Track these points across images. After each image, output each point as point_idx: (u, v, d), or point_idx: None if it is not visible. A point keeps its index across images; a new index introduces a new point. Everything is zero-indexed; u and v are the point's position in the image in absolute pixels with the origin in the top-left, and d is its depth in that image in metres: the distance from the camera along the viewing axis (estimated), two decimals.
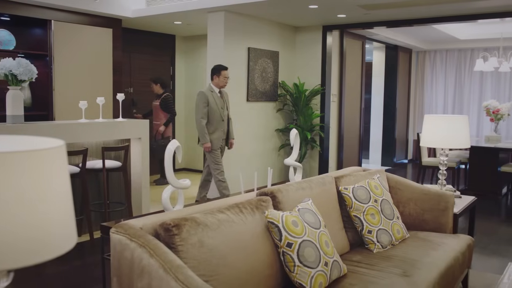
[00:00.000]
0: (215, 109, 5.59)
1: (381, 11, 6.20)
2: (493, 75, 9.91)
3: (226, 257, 2.13)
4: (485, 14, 6.23)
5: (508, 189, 7.72)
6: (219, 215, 2.24)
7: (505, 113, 7.85)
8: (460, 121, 3.83)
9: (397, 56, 9.94)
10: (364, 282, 2.50)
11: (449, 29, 8.68)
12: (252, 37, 6.70)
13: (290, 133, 3.42)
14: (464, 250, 3.27)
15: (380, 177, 3.49)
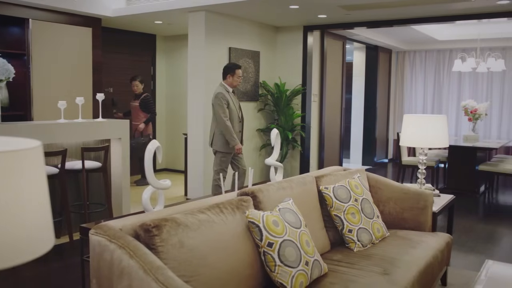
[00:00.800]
0: (233, 110, 5.41)
1: (361, 12, 6.25)
2: (470, 76, 10.06)
3: (207, 257, 2.13)
4: (463, 15, 6.32)
5: (486, 188, 7.85)
6: (199, 216, 2.24)
7: (482, 113, 7.97)
8: (439, 120, 3.88)
9: (377, 57, 10.02)
10: (344, 281, 2.51)
11: (428, 30, 8.79)
12: (233, 37, 6.69)
13: (271, 133, 3.42)
14: (442, 248, 3.32)
15: (360, 176, 3.52)
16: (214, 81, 6.37)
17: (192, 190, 6.43)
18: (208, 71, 6.28)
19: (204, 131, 6.27)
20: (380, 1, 5.51)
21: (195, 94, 6.32)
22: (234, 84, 5.47)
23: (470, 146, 7.33)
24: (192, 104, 6.35)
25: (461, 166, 7.41)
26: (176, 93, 8.75)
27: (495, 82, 9.88)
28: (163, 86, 8.90)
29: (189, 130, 6.42)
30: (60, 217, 4.78)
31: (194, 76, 6.32)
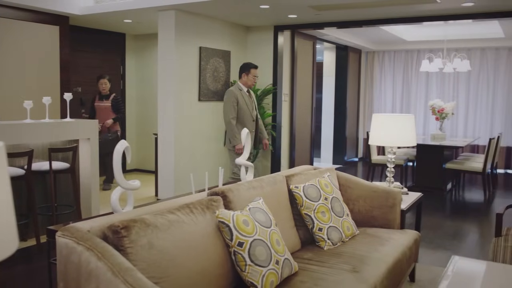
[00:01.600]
0: (244, 109, 5.42)
1: (331, 12, 6.30)
2: (438, 76, 10.26)
3: (177, 258, 2.11)
4: (429, 16, 6.44)
5: (453, 185, 8.02)
6: (169, 216, 2.22)
7: (449, 112, 8.15)
8: (407, 120, 3.94)
9: (347, 56, 10.13)
10: (314, 279, 2.53)
11: (396, 31, 8.92)
12: (204, 37, 6.67)
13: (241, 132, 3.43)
14: (411, 245, 3.37)
15: (330, 175, 3.55)
16: (184, 80, 6.34)
17: (162, 190, 6.38)
18: (179, 70, 6.24)
19: (175, 131, 6.23)
20: (349, 2, 5.57)
21: (165, 93, 6.27)
22: (248, 84, 5.52)
23: (438, 144, 7.48)
24: (163, 104, 6.30)
25: (429, 164, 7.55)
26: (147, 93, 8.66)
27: (461, 82, 10.10)
28: (133, 85, 8.80)
29: (160, 130, 6.37)
30: (26, 219, 4.68)
31: (164, 76, 6.27)
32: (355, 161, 10.91)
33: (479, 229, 5.66)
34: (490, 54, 9.82)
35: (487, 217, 6.09)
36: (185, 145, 6.43)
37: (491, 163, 7.57)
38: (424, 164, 7.63)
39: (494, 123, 9.89)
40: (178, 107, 6.27)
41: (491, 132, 9.78)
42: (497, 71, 9.79)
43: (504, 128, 9.75)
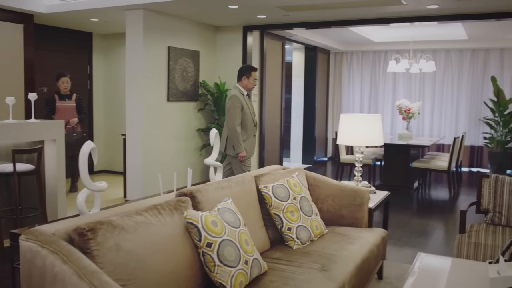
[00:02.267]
0: (247, 114, 5.24)
1: (299, 13, 6.34)
2: (404, 76, 10.44)
3: (144, 260, 2.09)
4: (396, 18, 6.55)
5: (419, 183, 8.18)
6: (136, 218, 2.20)
7: (415, 112, 8.31)
8: (374, 119, 3.99)
9: (316, 57, 10.21)
10: (284, 279, 2.54)
11: (364, 32, 9.04)
12: (172, 36, 6.62)
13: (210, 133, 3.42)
14: (378, 243, 3.42)
15: (299, 175, 3.58)
16: (153, 80, 6.28)
17: (131, 191, 6.30)
18: (147, 70, 6.18)
19: (143, 132, 6.16)
20: (317, 2, 5.62)
21: (133, 94, 6.19)
22: (249, 87, 5.33)
23: (404, 144, 7.62)
24: (131, 104, 6.23)
25: (396, 163, 7.68)
26: (115, 93, 8.55)
27: (426, 83, 10.31)
28: (101, 85, 8.67)
29: (128, 131, 6.29)
30: None
31: (132, 76, 6.20)
32: (325, 160, 11.00)
33: (445, 226, 5.79)
34: (454, 55, 10.06)
35: (452, 214, 6.23)
36: (154, 145, 6.37)
37: (455, 162, 7.75)
38: (391, 163, 7.75)
39: (458, 122, 10.13)
40: (147, 108, 6.21)
41: (455, 131, 10.01)
42: (461, 72, 10.03)
43: (468, 128, 9.99)
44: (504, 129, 8.96)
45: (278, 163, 8.53)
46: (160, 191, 3.09)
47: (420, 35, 9.12)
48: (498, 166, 8.86)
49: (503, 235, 3.57)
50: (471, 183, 8.59)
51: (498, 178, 3.91)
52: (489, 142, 9.17)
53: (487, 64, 9.83)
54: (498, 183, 3.88)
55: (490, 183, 3.93)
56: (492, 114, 9.16)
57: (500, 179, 3.89)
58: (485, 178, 4.01)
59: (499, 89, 8.93)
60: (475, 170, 10.03)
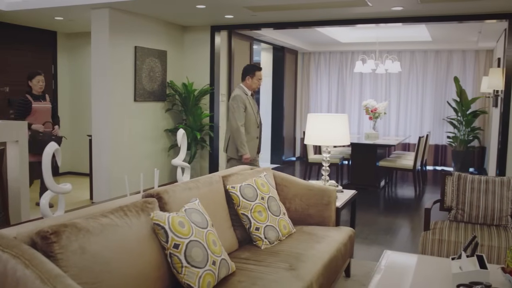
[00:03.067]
0: (251, 114, 5.09)
1: (267, 13, 6.36)
2: (371, 76, 10.60)
3: (110, 262, 2.06)
4: (362, 19, 6.64)
5: (386, 182, 8.31)
6: (102, 220, 2.16)
7: (382, 112, 8.43)
8: (340, 119, 4.04)
9: (284, 57, 10.26)
10: (252, 278, 2.55)
11: (331, 33, 9.13)
12: (139, 36, 6.54)
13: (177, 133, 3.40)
14: (346, 241, 3.46)
15: (266, 175, 3.58)
16: (119, 80, 6.20)
17: (97, 193, 6.21)
18: (113, 70, 6.09)
19: (110, 132, 6.07)
20: (284, 3, 5.64)
21: (99, 94, 6.10)
22: (253, 87, 5.19)
23: (371, 143, 7.73)
24: (97, 105, 6.13)
25: (363, 163, 7.79)
26: (80, 93, 8.40)
27: (392, 83, 10.49)
28: (66, 85, 8.50)
29: (94, 132, 6.19)
30: None
31: (98, 76, 6.10)
32: (293, 160, 11.07)
33: (410, 223, 5.90)
34: (419, 56, 10.27)
35: (417, 212, 6.36)
36: (121, 146, 6.29)
37: (420, 161, 7.90)
38: (358, 162, 7.85)
39: (423, 122, 10.34)
40: (113, 108, 6.12)
41: (420, 131, 10.22)
42: (425, 72, 10.25)
43: (432, 127, 10.21)
44: (466, 128, 9.19)
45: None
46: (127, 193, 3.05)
47: (385, 36, 9.27)
48: (461, 165, 9.09)
49: (466, 231, 3.66)
50: (435, 181, 8.78)
51: (461, 176, 4.01)
52: (452, 141, 9.39)
53: (450, 65, 10.07)
54: (460, 181, 3.98)
55: (453, 181, 4.03)
56: (455, 114, 9.38)
57: (463, 177, 3.99)
58: (448, 176, 4.10)
59: (461, 90, 9.15)
60: (440, 168, 10.26)
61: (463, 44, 9.64)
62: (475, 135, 9.31)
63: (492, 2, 5.33)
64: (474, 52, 9.91)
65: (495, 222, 3.82)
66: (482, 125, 9.79)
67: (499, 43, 7.90)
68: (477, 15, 6.08)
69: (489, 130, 9.44)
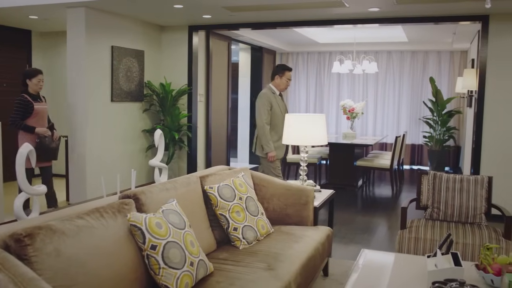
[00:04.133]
0: (278, 114, 5.04)
1: (245, 13, 6.36)
2: (348, 77, 10.68)
3: (86, 264, 2.04)
4: (339, 20, 6.68)
5: (363, 182, 8.38)
6: (78, 221, 2.14)
7: (359, 112, 8.51)
8: (318, 119, 4.06)
9: (262, 57, 10.27)
10: (230, 279, 2.54)
11: (309, 33, 9.17)
12: (116, 35, 6.48)
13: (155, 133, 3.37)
14: (323, 240, 3.48)
15: (244, 175, 3.58)
16: (96, 80, 6.13)
17: (74, 195, 6.13)
18: (90, 70, 6.02)
19: (86, 133, 6.00)
20: (262, 3, 5.65)
21: (75, 94, 6.02)
22: (281, 87, 5.17)
23: (349, 143, 7.79)
24: (73, 105, 6.05)
25: (341, 162, 7.84)
26: (56, 93, 8.27)
27: (370, 83, 10.59)
28: None
29: (70, 132, 6.11)
30: None
31: (74, 76, 6.02)
32: None
33: (387, 222, 5.97)
34: (395, 57, 10.39)
35: (394, 211, 6.43)
36: (97, 147, 6.21)
37: (397, 160, 8.00)
38: (336, 162, 7.91)
39: (400, 122, 10.47)
40: (90, 108, 6.05)
41: (397, 130, 10.34)
42: (402, 73, 10.37)
43: (409, 127, 10.34)
44: (442, 128, 9.33)
45: (225, 163, 8.52)
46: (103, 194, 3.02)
47: (362, 37, 9.36)
48: (437, 164, 9.23)
49: (441, 229, 3.72)
50: (412, 180, 8.90)
51: (436, 175, 4.07)
52: (428, 141, 9.53)
53: (426, 65, 10.21)
54: (436, 180, 4.04)
55: (429, 180, 4.08)
56: (431, 114, 9.52)
57: (438, 176, 4.05)
58: (424, 175, 4.16)
59: (437, 90, 9.29)
60: (416, 167, 10.40)
61: (438, 45, 9.79)
62: (451, 135, 9.47)
63: (466, 4, 5.43)
64: (449, 53, 10.07)
65: (469, 220, 3.89)
66: (457, 124, 9.96)
67: (473, 44, 8.05)
68: (452, 16, 6.18)
69: (463, 129, 9.60)
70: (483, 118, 6.06)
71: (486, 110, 6.05)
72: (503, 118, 5.98)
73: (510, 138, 5.96)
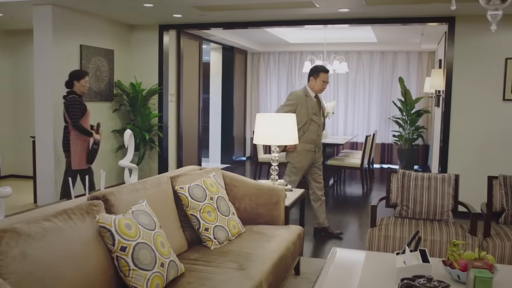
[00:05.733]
0: (303, 115, 4.85)
1: (216, 13, 6.34)
2: None
3: (54, 268, 2.00)
4: (310, 20, 6.73)
5: (334, 180, 8.46)
6: (45, 224, 2.10)
7: (330, 111, 8.57)
8: (288, 119, 4.08)
9: (233, 57, 10.26)
10: (201, 279, 2.53)
11: (280, 33, 9.21)
12: (85, 34, 6.37)
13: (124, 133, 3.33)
14: (295, 239, 3.50)
15: (215, 175, 3.57)
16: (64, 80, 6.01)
17: (42, 196, 6.00)
18: (58, 69, 5.90)
19: (54, 133, 5.88)
20: (233, 3, 5.64)
21: (43, 94, 5.90)
22: (316, 89, 4.94)
23: None
24: (40, 105, 5.93)
25: None
26: (23, 93, 8.10)
27: (340, 83, 10.69)
28: (7, 84, 8.17)
29: (38, 133, 5.99)
30: None
31: (41, 75, 5.90)
32: (243, 160, 11.09)
33: (358, 220, 6.04)
34: (365, 57, 10.52)
35: (365, 209, 6.51)
36: None
37: (368, 159, 8.10)
38: None
39: (370, 121, 10.60)
40: (58, 108, 5.94)
41: (367, 129, 10.47)
42: (372, 73, 10.51)
43: (379, 126, 10.49)
44: (411, 127, 9.49)
45: (197, 163, 8.48)
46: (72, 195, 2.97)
47: (333, 37, 9.44)
48: (407, 162, 9.38)
49: (410, 227, 3.78)
50: (382, 179, 9.02)
51: (405, 173, 4.13)
52: (398, 140, 9.68)
53: (395, 65, 10.37)
54: (405, 178, 4.10)
55: (398, 178, 4.15)
56: (400, 113, 9.67)
57: (407, 175, 4.12)
58: (394, 174, 4.22)
59: (406, 90, 9.45)
60: (386, 166, 10.55)
61: (407, 46, 9.95)
62: (419, 134, 9.64)
63: (433, 6, 5.53)
64: (418, 53, 10.25)
65: (437, 217, 3.97)
66: (425, 124, 10.15)
67: (440, 45, 8.21)
68: (420, 18, 6.30)
69: (432, 128, 9.79)
70: (450, 117, 6.19)
71: (453, 110, 6.18)
72: (469, 117, 6.12)
73: (476, 137, 6.10)
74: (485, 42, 5.99)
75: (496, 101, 6.01)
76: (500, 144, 6.02)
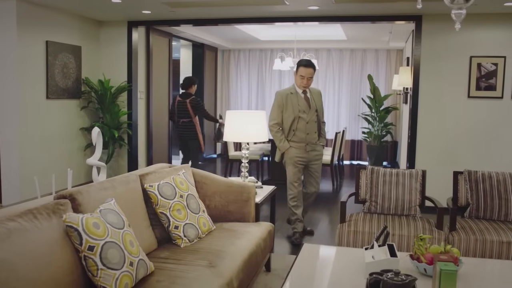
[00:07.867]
0: (289, 112, 4.75)
1: (186, 10, 6.29)
2: (290, 74, 10.80)
3: (18, 269, 1.95)
4: (280, 17, 6.75)
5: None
6: (9, 224, 2.05)
7: None
8: (257, 116, 4.09)
9: (204, 54, 10.21)
10: (171, 277, 2.52)
11: (251, 30, 9.21)
12: (51, 30, 6.24)
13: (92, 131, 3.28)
14: (265, 236, 3.51)
15: (185, 172, 3.56)
16: (29, 77, 5.88)
17: (7, 196, 5.86)
18: (22, 66, 5.77)
19: (19, 132, 5.75)
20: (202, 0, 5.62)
21: (6, 91, 5.75)
22: (297, 84, 4.76)
23: None
24: (5, 103, 5.78)
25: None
26: None
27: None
28: None
29: (2, 131, 5.83)
30: None
31: (4, 72, 5.75)
32: (214, 157, 11.06)
33: (329, 217, 6.09)
34: (335, 54, 10.61)
35: (335, 206, 6.58)
36: (32, 146, 5.98)
37: (338, 156, 8.18)
38: None
39: (340, 118, 10.71)
40: (23, 106, 5.81)
41: (337, 126, 10.57)
42: (342, 70, 10.62)
43: (349, 123, 10.60)
44: (380, 124, 9.63)
45: (167, 161, 8.42)
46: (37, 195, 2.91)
47: (303, 35, 9.49)
48: (376, 159, 9.51)
49: (378, 222, 3.84)
50: (352, 175, 9.13)
51: (374, 169, 4.19)
52: (367, 136, 9.81)
53: (364, 63, 10.50)
54: (374, 174, 4.16)
55: (367, 174, 4.20)
56: (370, 110, 9.80)
57: (376, 171, 4.17)
58: (363, 170, 4.28)
59: (375, 87, 9.58)
60: (356, 162, 10.68)
61: (375, 44, 10.08)
62: (388, 130, 9.78)
63: (401, 4, 5.62)
64: (386, 51, 10.40)
65: (405, 212, 4.04)
66: (394, 120, 10.31)
67: (408, 43, 8.35)
68: (388, 16, 6.38)
69: (400, 125, 9.95)
70: (417, 114, 6.30)
71: (420, 107, 6.29)
72: (436, 114, 6.24)
73: (443, 133, 6.23)
74: (450, 41, 6.12)
75: (461, 98, 6.15)
76: (466, 140, 6.17)
